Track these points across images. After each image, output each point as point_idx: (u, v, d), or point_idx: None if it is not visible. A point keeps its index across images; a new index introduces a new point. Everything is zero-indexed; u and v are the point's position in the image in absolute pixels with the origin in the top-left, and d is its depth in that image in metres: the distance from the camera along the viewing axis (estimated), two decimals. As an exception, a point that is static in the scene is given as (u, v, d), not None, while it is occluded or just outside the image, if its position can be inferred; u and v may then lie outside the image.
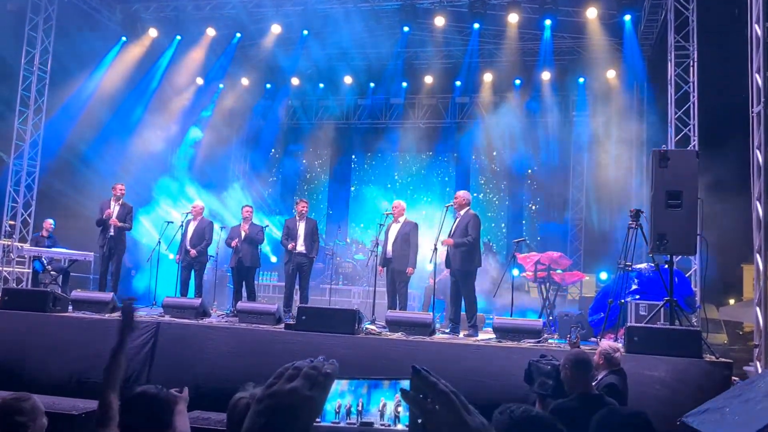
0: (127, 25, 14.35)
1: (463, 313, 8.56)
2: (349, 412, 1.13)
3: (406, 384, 1.05)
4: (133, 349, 7.34)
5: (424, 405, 1.02)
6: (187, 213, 10.62)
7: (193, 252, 10.20)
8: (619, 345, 5.51)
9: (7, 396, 2.89)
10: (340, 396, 1.11)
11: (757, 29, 7.53)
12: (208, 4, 14.10)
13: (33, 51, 13.02)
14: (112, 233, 10.07)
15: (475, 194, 17.50)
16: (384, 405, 1.14)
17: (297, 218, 10.06)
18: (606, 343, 5.37)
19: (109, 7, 14.19)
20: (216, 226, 11.03)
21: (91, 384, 7.18)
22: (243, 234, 10.17)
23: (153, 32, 14.52)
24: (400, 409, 1.14)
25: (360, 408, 1.13)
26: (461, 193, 8.90)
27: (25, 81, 12.98)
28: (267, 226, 11.25)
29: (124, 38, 14.56)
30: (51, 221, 11.88)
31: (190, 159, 16.33)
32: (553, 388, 4.54)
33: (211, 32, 14.64)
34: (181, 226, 10.43)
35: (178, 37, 14.93)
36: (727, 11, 10.72)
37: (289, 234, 9.95)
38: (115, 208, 10.16)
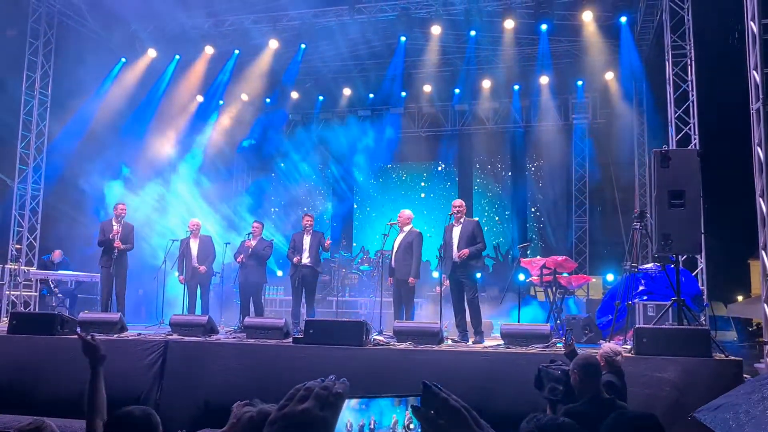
0: (126, 46, 14.46)
1: (468, 320, 8.55)
2: (361, 431, 1.14)
3: (417, 400, 1.06)
4: (142, 369, 7.36)
5: (435, 421, 1.03)
6: (189, 231, 10.68)
7: (202, 268, 10.25)
8: (621, 348, 5.49)
9: (26, 425, 2.89)
10: (351, 415, 1.12)
11: (753, 26, 7.56)
12: (205, 23, 14.20)
13: (33, 75, 13.11)
14: (115, 254, 10.08)
15: (477, 201, 17.55)
16: (395, 422, 1.14)
17: (303, 232, 10.10)
18: (608, 346, 5.36)
19: (108, 29, 14.29)
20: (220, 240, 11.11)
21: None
22: (249, 250, 10.20)
23: (152, 52, 14.63)
24: (411, 426, 1.15)
25: (372, 426, 1.13)
26: (460, 202, 8.90)
27: (26, 105, 13.05)
28: (272, 240, 11.27)
29: (123, 59, 14.67)
30: (60, 252, 11.95)
31: (193, 175, 16.38)
32: (563, 394, 4.53)
33: (209, 50, 14.74)
34: (182, 245, 10.49)
35: (177, 56, 15.04)
36: (722, 9, 10.76)
37: (295, 247, 9.99)
38: (117, 228, 10.18)
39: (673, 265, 7.61)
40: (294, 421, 0.99)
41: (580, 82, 16.07)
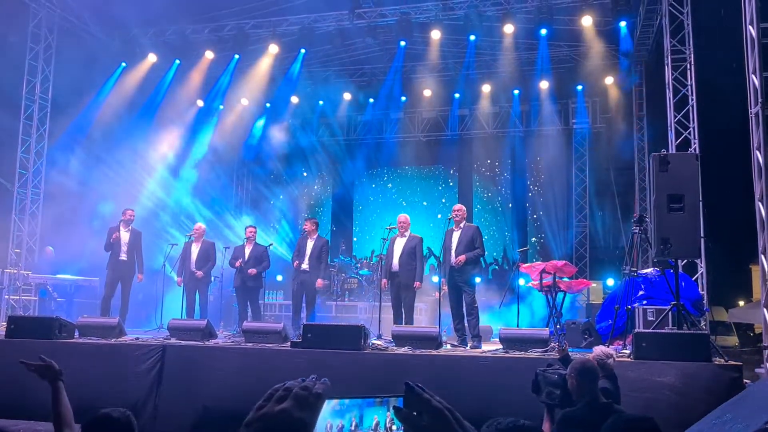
0: (127, 50, 14.46)
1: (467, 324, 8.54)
2: (341, 432, 1.12)
3: (398, 401, 1.05)
4: (140, 374, 7.33)
5: (417, 422, 1.01)
6: (190, 235, 10.64)
7: (199, 273, 10.21)
8: (612, 351, 5.48)
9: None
10: (332, 416, 1.10)
11: (752, 30, 7.56)
12: (206, 27, 14.23)
13: (34, 80, 13.12)
14: (123, 258, 10.07)
15: (478, 207, 17.54)
16: (377, 423, 1.13)
17: (306, 237, 10.09)
18: (599, 348, 5.34)
19: (108, 33, 14.32)
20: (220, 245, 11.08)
21: (98, 411, 7.16)
22: (246, 255, 10.19)
23: (152, 57, 14.63)
24: (393, 427, 1.13)
25: (353, 427, 1.12)
26: (461, 206, 8.89)
27: (26, 110, 13.06)
28: (271, 244, 11.24)
29: (123, 64, 14.67)
30: (51, 248, 11.94)
31: (192, 179, 16.38)
32: (560, 398, 4.51)
33: (209, 55, 14.75)
34: (183, 249, 10.47)
35: (178, 61, 15.05)
36: (722, 12, 10.77)
37: (299, 252, 9.99)
38: (124, 234, 10.19)
39: (672, 270, 7.59)
40: (272, 422, 0.97)
41: (579, 87, 16.07)
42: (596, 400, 4.10)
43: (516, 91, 16.47)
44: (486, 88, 16.42)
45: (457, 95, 16.82)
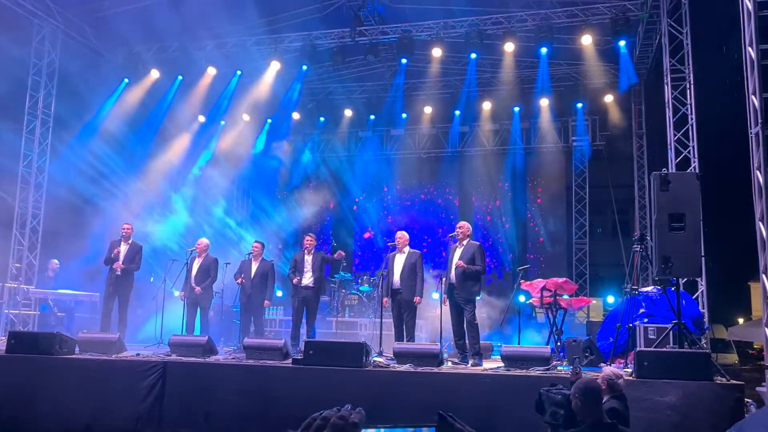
0: (129, 66, 14.54)
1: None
2: (375, 459, 1.14)
3: (431, 431, 1.07)
4: (141, 391, 7.31)
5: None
6: (192, 251, 10.62)
7: (198, 289, 10.14)
8: (622, 372, 5.48)
9: None
10: None
11: (751, 52, 7.63)
12: (208, 44, 14.32)
13: (37, 95, 13.16)
14: (118, 272, 10.07)
15: (477, 223, 17.56)
16: (410, 453, 1.15)
17: (304, 252, 10.06)
18: (609, 369, 5.34)
19: (111, 49, 14.41)
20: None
21: (99, 428, 7.14)
22: (253, 271, 10.16)
23: (155, 73, 14.71)
24: None
25: (386, 455, 1.14)
26: (464, 224, 8.93)
27: (29, 125, 13.09)
28: (272, 260, 11.24)
29: (126, 80, 14.74)
30: (56, 261, 11.92)
31: (194, 194, 16.40)
32: (564, 418, 4.51)
33: (212, 71, 14.83)
34: (186, 263, 10.44)
35: (180, 77, 15.12)
36: (721, 33, 10.87)
37: (296, 268, 9.94)
38: (123, 248, 10.19)
39: (673, 288, 7.61)
40: None
41: (579, 105, 16.19)
42: (600, 420, 4.10)
43: (516, 109, 16.58)
44: (486, 106, 16.54)
45: (457, 112, 16.93)
